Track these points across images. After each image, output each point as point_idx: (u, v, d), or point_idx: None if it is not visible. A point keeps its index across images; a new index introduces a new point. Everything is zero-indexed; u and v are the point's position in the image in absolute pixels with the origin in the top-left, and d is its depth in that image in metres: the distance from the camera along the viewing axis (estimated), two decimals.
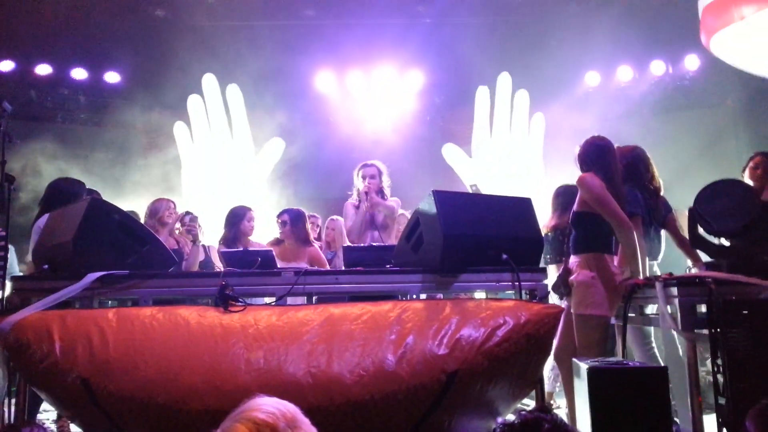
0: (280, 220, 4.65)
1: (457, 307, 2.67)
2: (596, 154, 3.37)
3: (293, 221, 4.58)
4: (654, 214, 3.64)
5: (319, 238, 5.41)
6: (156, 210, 4.72)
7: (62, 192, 3.89)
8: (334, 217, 5.41)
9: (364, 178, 4.47)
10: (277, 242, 4.73)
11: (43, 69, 7.79)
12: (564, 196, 4.48)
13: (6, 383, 2.96)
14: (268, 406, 1.40)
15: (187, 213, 5.00)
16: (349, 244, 4.40)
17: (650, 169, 3.67)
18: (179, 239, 4.75)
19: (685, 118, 7.62)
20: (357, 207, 4.49)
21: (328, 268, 4.52)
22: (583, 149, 3.43)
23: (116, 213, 2.99)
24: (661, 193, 3.75)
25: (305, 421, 1.44)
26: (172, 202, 4.96)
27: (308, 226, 4.68)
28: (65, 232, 2.92)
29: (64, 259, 2.92)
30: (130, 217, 3.09)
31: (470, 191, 4.83)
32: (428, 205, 2.97)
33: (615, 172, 3.35)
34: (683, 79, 7.70)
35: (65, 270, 2.89)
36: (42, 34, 7.43)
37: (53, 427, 4.11)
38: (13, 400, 2.95)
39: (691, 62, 7.52)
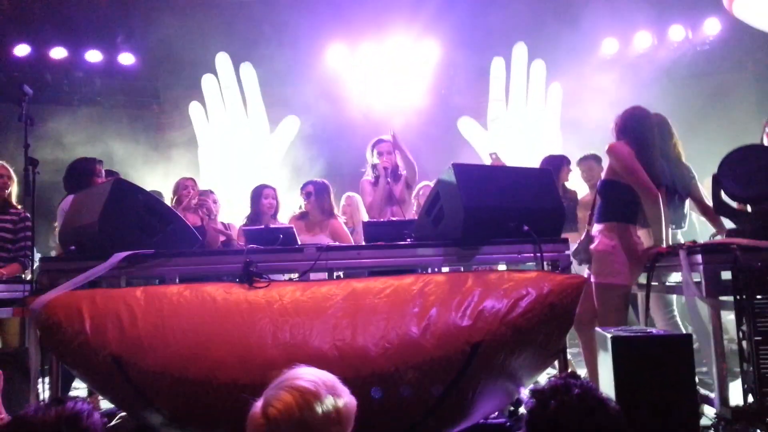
0: (304, 192, 4.66)
1: (479, 279, 2.68)
2: (631, 123, 3.36)
3: (318, 192, 4.58)
4: (678, 181, 3.61)
5: None
6: (175, 189, 4.77)
7: (80, 171, 3.94)
8: (350, 193, 5.41)
9: (380, 154, 4.46)
10: (301, 216, 4.75)
11: (58, 52, 7.82)
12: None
13: (39, 362, 3.04)
14: (309, 374, 1.44)
15: (202, 191, 5.04)
16: (368, 219, 4.41)
17: (672, 136, 3.62)
18: (203, 216, 4.78)
19: (705, 83, 7.46)
20: (374, 183, 4.48)
21: (351, 241, 4.54)
22: (620, 119, 3.41)
23: (140, 193, 3.03)
24: (683, 160, 3.71)
25: (344, 389, 1.48)
26: (191, 179, 4.99)
27: (332, 198, 4.68)
28: (91, 213, 2.96)
29: (90, 240, 2.96)
30: (153, 197, 3.13)
31: (490, 159, 4.81)
32: (448, 178, 2.96)
33: (649, 142, 3.33)
34: (703, 44, 7.52)
35: (92, 250, 2.93)
36: (56, 18, 7.44)
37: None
38: (47, 379, 3.03)
39: (711, 26, 7.34)
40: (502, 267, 3.59)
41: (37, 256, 4.13)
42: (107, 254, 2.85)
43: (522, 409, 3.14)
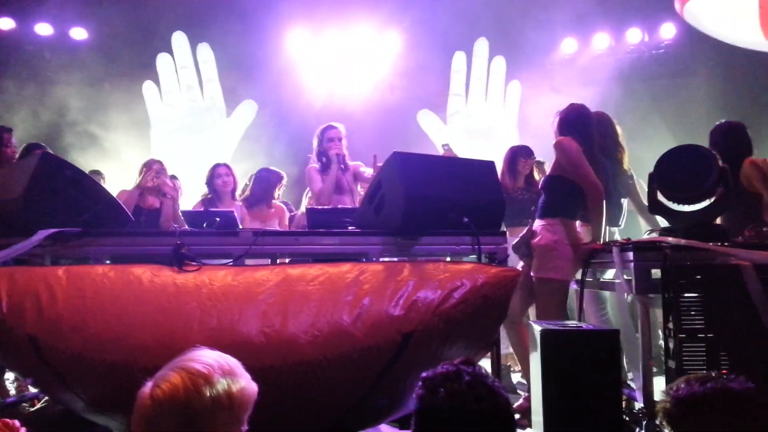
0: (257, 176, 4.69)
1: (415, 269, 2.66)
2: (576, 120, 3.39)
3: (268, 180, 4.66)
4: (618, 179, 3.67)
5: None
6: (141, 168, 4.63)
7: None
8: None
9: (330, 140, 4.40)
10: (247, 202, 4.70)
11: (6, 23, 7.49)
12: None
13: None
14: (206, 357, 1.39)
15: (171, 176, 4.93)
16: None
17: (616, 136, 3.68)
18: (163, 201, 4.67)
19: (659, 86, 7.62)
20: (320, 171, 4.43)
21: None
22: (563, 114, 3.44)
23: (68, 169, 2.90)
24: (626, 160, 3.77)
25: (245, 376, 1.43)
26: (159, 162, 4.86)
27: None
28: (14, 188, 2.83)
29: (14, 216, 2.83)
30: (82, 173, 3.01)
31: (442, 151, 4.80)
32: (390, 167, 2.93)
33: (593, 139, 3.38)
34: (658, 48, 7.67)
35: (16, 227, 2.80)
36: None
37: (12, 387, 4.08)
38: None
39: (667, 30, 7.49)
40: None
41: None
42: (32, 231, 2.73)
43: None
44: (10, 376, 4.08)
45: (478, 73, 8.04)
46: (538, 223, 3.40)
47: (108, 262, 3.01)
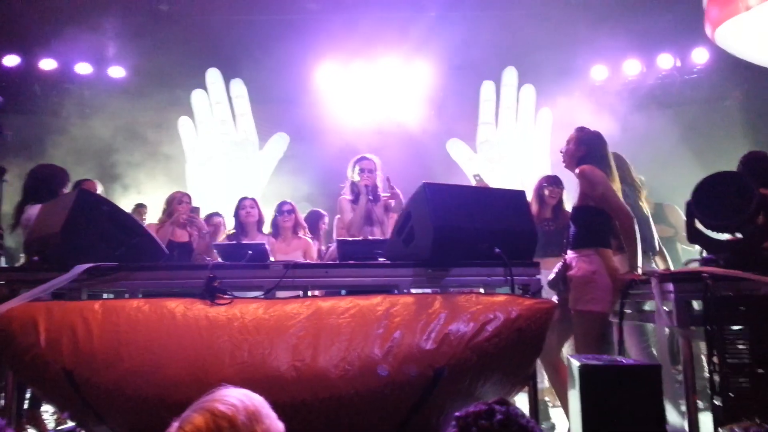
0: (284, 209, 4.73)
1: (446, 301, 2.62)
2: (594, 147, 3.33)
3: (295, 211, 4.73)
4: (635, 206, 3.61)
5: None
6: (169, 201, 4.71)
7: (43, 179, 3.89)
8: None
9: (362, 171, 4.42)
10: (274, 233, 4.76)
11: (48, 64, 7.81)
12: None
13: None
14: (230, 397, 1.38)
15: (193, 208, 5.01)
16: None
17: (626, 163, 3.64)
18: (191, 232, 4.74)
19: (692, 112, 7.50)
20: (353, 201, 4.44)
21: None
22: (579, 141, 3.38)
23: (105, 204, 2.98)
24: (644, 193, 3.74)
25: (270, 415, 1.41)
26: (187, 195, 4.96)
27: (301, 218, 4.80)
28: (54, 223, 2.90)
29: (53, 251, 2.90)
30: (119, 209, 3.07)
31: (474, 181, 4.77)
32: (419, 198, 2.92)
33: (611, 165, 3.32)
34: (691, 73, 7.57)
35: (55, 261, 2.87)
36: (46, 30, 7.46)
37: (51, 419, 4.13)
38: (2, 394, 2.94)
39: (700, 55, 7.39)
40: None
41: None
42: (69, 266, 2.79)
43: None
44: (49, 408, 4.13)
45: (507, 102, 8.04)
46: (571, 255, 3.32)
47: (140, 295, 3.06)
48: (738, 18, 4.87)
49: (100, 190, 4.73)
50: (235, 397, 1.37)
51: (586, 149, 3.35)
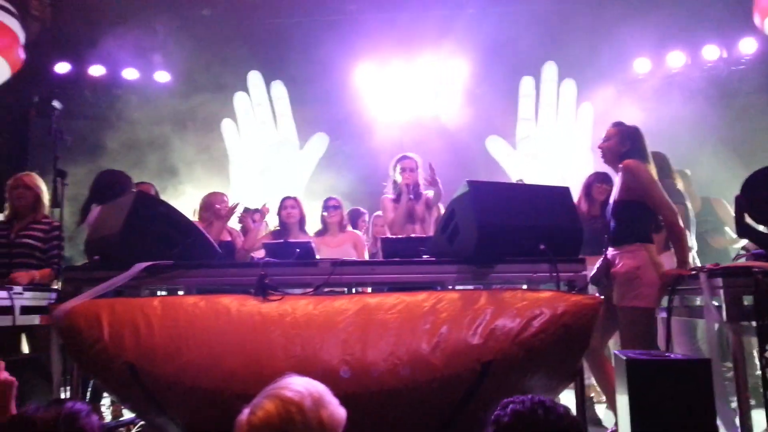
0: (330, 205, 4.84)
1: (492, 297, 2.66)
2: (636, 141, 3.31)
3: (340, 207, 4.82)
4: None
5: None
6: (210, 203, 4.85)
7: (107, 184, 4.07)
8: (379, 213, 5.45)
9: (403, 170, 4.48)
10: (322, 231, 4.88)
11: (97, 70, 8.11)
12: None
13: (61, 368, 3.13)
14: (296, 384, 1.46)
15: (245, 209, 5.15)
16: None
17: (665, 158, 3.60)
18: (232, 231, 4.89)
19: (739, 103, 7.29)
20: (395, 200, 4.50)
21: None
22: (623, 136, 3.36)
23: (161, 205, 3.11)
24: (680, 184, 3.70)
25: (333, 401, 1.49)
26: (225, 195, 5.10)
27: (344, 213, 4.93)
28: (113, 224, 3.04)
29: (113, 250, 3.05)
30: (174, 209, 3.20)
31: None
32: (463, 196, 2.96)
33: (651, 159, 3.30)
34: (738, 64, 7.35)
35: (114, 261, 3.01)
36: (95, 37, 7.74)
37: (107, 411, 4.32)
38: (68, 387, 3.10)
39: (747, 46, 7.18)
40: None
41: None
42: (129, 264, 2.93)
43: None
44: (105, 401, 4.33)
45: (547, 98, 7.97)
46: (614, 251, 3.30)
47: (195, 292, 3.19)
48: None
49: (154, 192, 4.92)
50: (300, 385, 1.45)
51: (630, 144, 3.33)
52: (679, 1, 6.82)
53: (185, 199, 6.84)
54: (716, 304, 2.72)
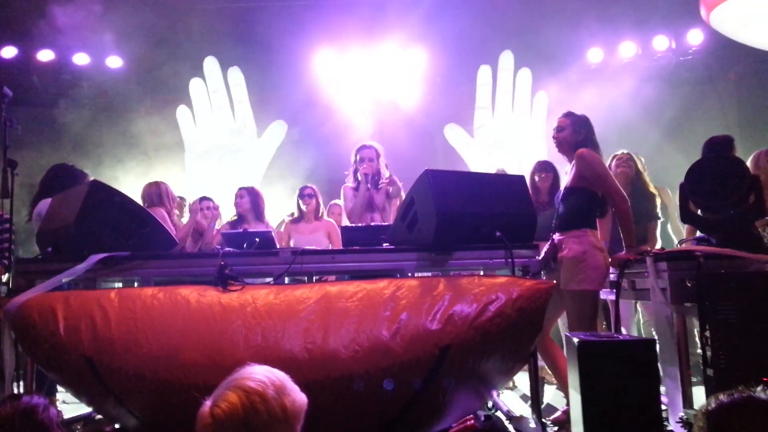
0: (305, 194, 4.86)
1: (450, 283, 2.72)
2: (588, 130, 3.41)
3: (316, 196, 4.87)
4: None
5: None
6: (192, 210, 4.77)
7: (60, 179, 3.97)
8: (336, 201, 5.47)
9: (362, 160, 4.50)
10: (297, 219, 4.90)
11: (46, 55, 7.81)
12: None
13: (14, 364, 3.06)
14: (257, 374, 1.47)
15: (203, 198, 5.09)
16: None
17: None
18: (200, 222, 4.84)
19: (687, 93, 7.56)
20: (355, 189, 4.52)
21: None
22: (578, 126, 3.45)
23: (117, 195, 3.05)
24: None
25: (294, 389, 1.51)
26: (210, 201, 5.06)
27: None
28: (67, 215, 2.98)
29: (67, 242, 2.98)
30: (130, 199, 3.15)
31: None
32: (422, 185, 3.01)
33: (599, 147, 3.42)
34: (686, 54, 7.62)
35: (68, 252, 2.95)
36: (43, 21, 7.45)
37: (64, 407, 4.23)
38: (21, 382, 3.04)
39: (694, 37, 7.45)
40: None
41: None
42: (83, 256, 2.88)
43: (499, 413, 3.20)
44: (61, 396, 4.24)
45: (503, 86, 8.08)
46: (560, 236, 3.41)
47: (152, 283, 3.15)
48: (732, 1, 4.94)
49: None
50: (261, 374, 1.47)
51: (585, 133, 3.43)
52: None
53: (137, 188, 6.69)
54: (661, 286, 2.85)
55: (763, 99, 6.86)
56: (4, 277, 3.69)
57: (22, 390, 3.06)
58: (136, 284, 3.25)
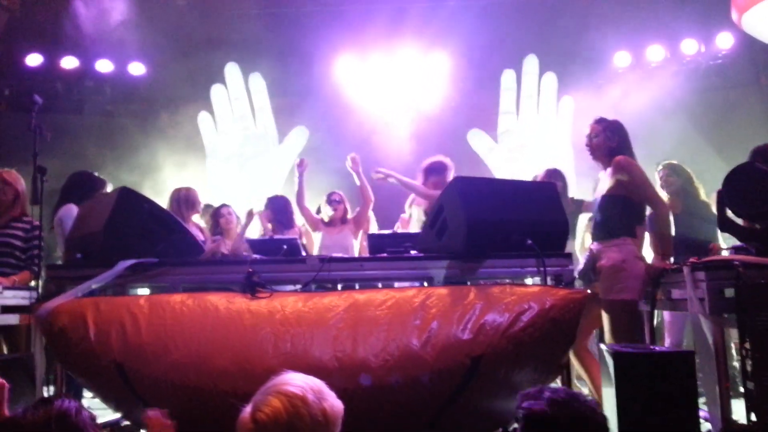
0: (332, 199, 4.98)
1: (481, 292, 2.68)
2: (622, 135, 3.35)
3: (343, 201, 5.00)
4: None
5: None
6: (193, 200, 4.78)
7: (79, 186, 3.99)
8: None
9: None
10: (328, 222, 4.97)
11: (69, 62, 7.92)
12: None
13: (44, 368, 3.07)
14: (296, 380, 1.48)
15: (224, 205, 5.15)
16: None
17: None
18: (203, 230, 4.89)
19: (717, 97, 7.41)
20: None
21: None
22: (611, 131, 3.38)
23: (146, 202, 3.06)
24: None
25: (332, 394, 1.52)
26: (228, 207, 5.14)
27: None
28: (97, 221, 2.99)
29: (96, 248, 3.00)
30: (158, 206, 3.16)
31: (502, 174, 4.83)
32: (451, 191, 2.97)
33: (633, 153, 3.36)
34: (716, 58, 7.48)
35: (98, 258, 2.96)
36: (67, 28, 7.55)
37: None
38: (52, 387, 3.05)
39: (724, 40, 7.30)
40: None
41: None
42: (112, 262, 2.88)
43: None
44: (87, 403, 4.26)
45: (528, 91, 8.01)
46: (598, 245, 3.34)
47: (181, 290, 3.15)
48: (765, 3, 4.84)
49: (110, 189, 4.83)
50: (300, 380, 1.47)
51: (618, 139, 3.36)
52: None
53: (166, 195, 6.73)
54: (699, 297, 2.78)
55: None
56: (33, 283, 3.71)
57: (52, 394, 3.07)
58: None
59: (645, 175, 3.24)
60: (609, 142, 3.37)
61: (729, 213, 2.98)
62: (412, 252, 3.17)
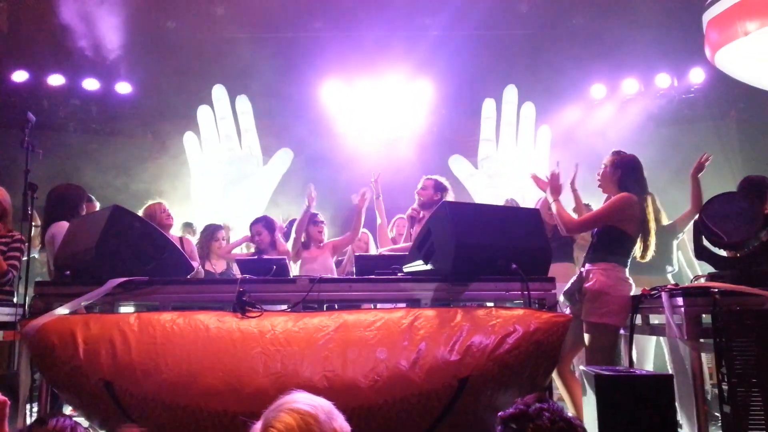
0: (321, 223, 5.03)
1: (467, 314, 2.74)
2: (630, 170, 3.47)
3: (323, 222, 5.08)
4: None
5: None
6: (152, 214, 4.75)
7: (67, 199, 3.97)
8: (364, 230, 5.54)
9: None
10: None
11: (56, 79, 7.90)
12: None
13: (29, 386, 3.04)
14: (306, 398, 1.50)
15: (220, 228, 5.21)
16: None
17: None
18: (184, 240, 4.90)
19: (689, 130, 7.68)
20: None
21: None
22: (615, 164, 3.50)
23: (137, 221, 3.08)
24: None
25: (339, 415, 1.54)
26: (163, 203, 5.01)
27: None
28: (87, 239, 3.00)
29: (85, 266, 3.00)
30: (149, 225, 3.18)
31: (503, 202, 4.95)
32: (440, 216, 3.05)
33: (647, 189, 3.48)
34: (688, 92, 7.77)
35: (87, 276, 2.97)
36: (55, 46, 7.56)
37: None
38: (35, 404, 3.02)
39: (696, 75, 7.60)
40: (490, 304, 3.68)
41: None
42: (102, 280, 2.89)
43: None
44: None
45: (507, 119, 8.21)
46: (588, 268, 3.44)
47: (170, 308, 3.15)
48: (737, 43, 5.07)
49: (98, 208, 4.81)
50: (309, 398, 1.50)
51: (621, 172, 3.48)
52: (635, 32, 7.17)
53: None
54: (677, 322, 2.88)
55: (765, 137, 6.97)
56: (16, 300, 3.66)
57: (35, 410, 3.04)
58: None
59: (620, 212, 3.36)
60: (613, 174, 3.50)
61: (705, 241, 3.10)
62: (399, 274, 3.23)
